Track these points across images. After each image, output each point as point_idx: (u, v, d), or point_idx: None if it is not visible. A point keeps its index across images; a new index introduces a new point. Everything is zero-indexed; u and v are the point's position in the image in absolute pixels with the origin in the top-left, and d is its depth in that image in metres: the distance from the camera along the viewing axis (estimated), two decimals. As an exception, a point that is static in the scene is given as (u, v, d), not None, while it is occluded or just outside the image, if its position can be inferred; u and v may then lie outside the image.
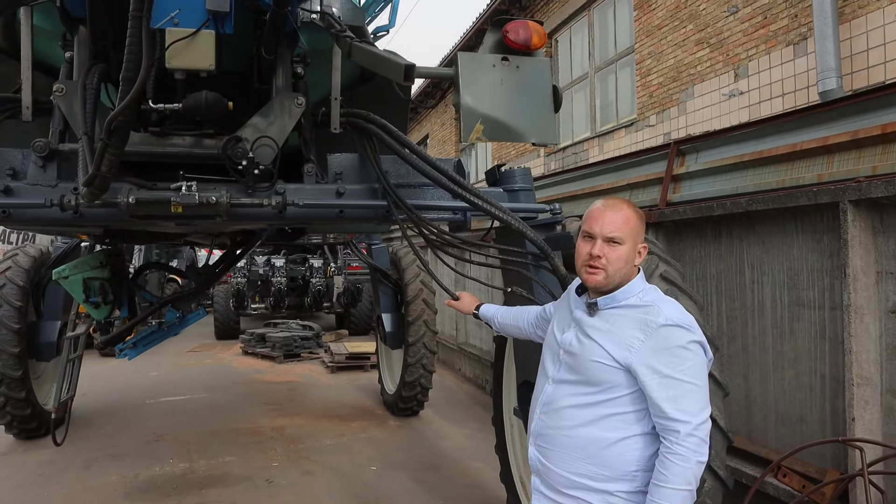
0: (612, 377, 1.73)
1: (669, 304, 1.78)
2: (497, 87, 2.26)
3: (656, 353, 1.68)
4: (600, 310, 1.81)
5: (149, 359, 9.68)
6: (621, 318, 1.77)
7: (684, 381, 1.65)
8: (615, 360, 1.72)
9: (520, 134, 2.32)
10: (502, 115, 2.25)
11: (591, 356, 1.76)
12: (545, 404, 1.88)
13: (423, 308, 6.14)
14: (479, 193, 2.58)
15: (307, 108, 2.80)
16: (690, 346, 1.69)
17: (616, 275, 1.78)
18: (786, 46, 6.46)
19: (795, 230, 3.22)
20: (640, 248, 1.82)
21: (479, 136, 2.18)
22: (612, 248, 1.77)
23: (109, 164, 2.13)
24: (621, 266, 1.77)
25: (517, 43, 2.29)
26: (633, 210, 1.82)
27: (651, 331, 1.70)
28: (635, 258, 1.81)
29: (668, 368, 1.66)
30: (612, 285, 1.80)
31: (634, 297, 1.79)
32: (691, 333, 1.70)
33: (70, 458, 5.13)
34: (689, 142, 4.37)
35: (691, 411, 1.64)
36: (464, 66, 2.24)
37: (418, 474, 4.81)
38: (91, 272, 4.01)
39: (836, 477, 2.79)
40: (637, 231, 1.80)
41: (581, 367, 1.79)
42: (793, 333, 3.25)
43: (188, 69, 2.53)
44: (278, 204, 2.60)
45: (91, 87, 2.44)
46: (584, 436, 1.77)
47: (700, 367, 1.70)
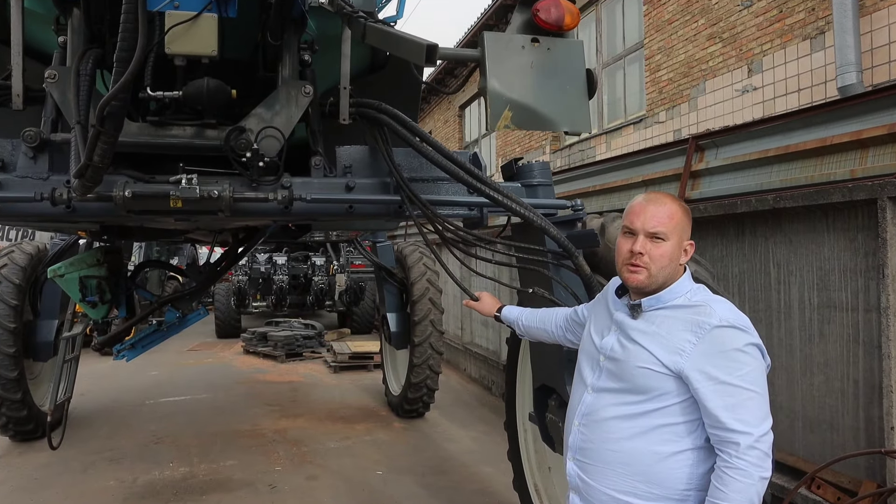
0: (662, 384, 1.59)
1: (722, 303, 1.63)
2: (526, 71, 2.10)
3: (710, 357, 1.53)
4: (644, 311, 1.67)
5: (149, 358, 9.51)
6: (669, 320, 1.63)
7: (743, 388, 1.51)
8: (664, 366, 1.58)
9: (551, 121, 2.16)
10: (532, 100, 2.09)
11: (637, 362, 1.62)
12: (585, 415, 1.72)
13: (429, 307, 5.99)
14: (499, 188, 2.42)
15: (315, 98, 2.64)
16: (748, 349, 1.54)
17: (660, 274, 1.63)
18: (802, 41, 6.29)
19: (826, 228, 3.07)
20: (687, 246, 1.69)
21: (507, 124, 2.03)
22: (656, 244, 1.63)
23: (102, 153, 1.98)
24: (665, 264, 1.63)
25: (548, 23, 2.13)
26: (678, 204, 1.69)
27: (704, 333, 1.55)
28: (681, 256, 1.67)
29: (724, 374, 1.52)
30: (656, 285, 1.65)
31: (682, 298, 1.65)
32: (748, 335, 1.56)
33: (67, 462, 4.98)
34: (707, 137, 4.22)
35: (752, 421, 1.49)
36: (490, 47, 2.08)
37: (425, 479, 4.67)
38: (88, 270, 3.86)
39: (873, 489, 2.64)
40: (683, 227, 1.67)
41: (626, 374, 1.64)
42: (823, 336, 3.10)
43: (189, 55, 2.38)
44: (284, 199, 2.44)
45: (85, 73, 2.28)
46: (631, 450, 1.61)
47: (759, 372, 1.55)
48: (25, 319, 5.20)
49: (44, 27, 2.61)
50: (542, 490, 3.49)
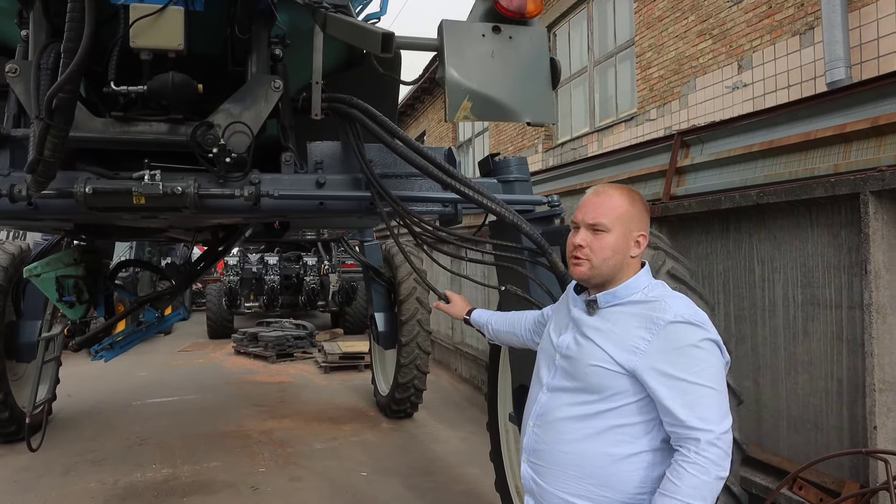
0: (615, 383, 1.53)
1: (678, 299, 1.58)
2: (487, 60, 2.04)
3: (665, 354, 1.48)
4: (601, 308, 1.62)
5: (138, 358, 9.50)
6: (623, 317, 1.57)
7: (701, 385, 1.46)
8: (618, 364, 1.52)
9: (513, 112, 2.10)
10: (493, 90, 2.04)
11: (590, 360, 1.57)
12: (539, 416, 1.67)
13: (416, 307, 5.94)
14: (471, 183, 2.36)
15: (285, 93, 2.58)
16: (704, 344, 1.49)
17: (603, 266, 1.59)
18: (791, 36, 6.25)
19: (810, 224, 3.02)
20: (638, 238, 1.62)
21: (466, 115, 1.97)
22: (597, 236, 1.59)
23: (53, 147, 1.92)
24: (608, 256, 1.59)
25: (510, 10, 2.07)
26: (625, 195, 1.63)
27: (658, 329, 1.50)
28: (629, 248, 1.61)
29: (680, 371, 1.46)
30: (601, 278, 1.61)
31: (639, 294, 1.60)
32: (704, 331, 1.51)
33: (49, 464, 4.92)
34: (693, 133, 4.17)
35: (712, 418, 1.44)
36: (449, 35, 2.02)
37: (410, 480, 4.61)
38: (64, 269, 3.79)
39: (856, 490, 2.59)
40: (629, 218, 1.61)
41: (579, 373, 1.59)
42: (807, 334, 3.05)
43: (154, 49, 2.32)
44: (251, 195, 2.38)
45: (46, 67, 2.22)
46: (584, 451, 1.55)
47: (717, 368, 1.50)
48: (8, 320, 5.15)
49: (8, 21, 2.55)
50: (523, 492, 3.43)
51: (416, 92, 17.62)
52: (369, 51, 1.89)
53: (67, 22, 1.77)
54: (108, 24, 2.31)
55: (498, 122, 6.38)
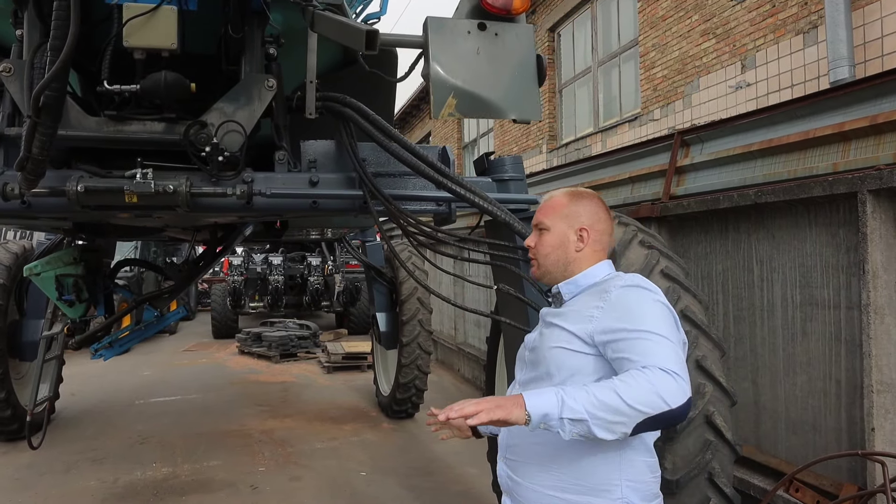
0: (576, 361, 1.51)
1: (631, 275, 1.60)
2: (472, 57, 2.03)
3: (613, 312, 1.47)
4: (566, 299, 1.64)
5: (142, 358, 9.56)
6: (583, 298, 1.60)
7: (649, 332, 1.40)
8: (578, 339, 1.51)
9: (498, 109, 2.09)
10: (478, 87, 2.03)
11: (550, 342, 1.57)
12: None
13: (417, 307, 5.94)
14: (463, 182, 2.35)
15: (279, 92, 2.58)
16: (651, 302, 1.48)
17: (546, 263, 1.65)
18: (795, 35, 6.21)
19: (808, 224, 2.99)
20: (580, 232, 1.63)
21: (451, 112, 1.96)
22: (541, 236, 1.67)
23: (41, 144, 1.92)
24: (548, 252, 1.64)
25: (496, 7, 2.06)
26: (568, 193, 1.68)
27: (609, 295, 1.51)
28: (571, 243, 1.63)
29: (629, 324, 1.43)
30: (550, 276, 1.65)
31: (599, 280, 1.62)
32: (652, 294, 1.50)
33: (50, 462, 4.95)
34: (693, 132, 4.15)
35: (664, 361, 1.35)
36: (434, 32, 2.02)
37: (409, 480, 4.60)
38: (64, 268, 3.81)
39: (853, 492, 2.56)
40: (567, 213, 1.65)
41: (541, 359, 1.59)
42: (805, 335, 3.02)
43: (148, 48, 2.33)
44: (244, 193, 2.38)
45: (40, 66, 2.22)
46: (555, 442, 1.48)
47: (667, 321, 1.46)
48: (11, 319, 5.18)
49: (3, 20, 2.56)
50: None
51: (421, 93, 17.62)
52: (354, 48, 1.88)
53: (53, 20, 1.77)
54: (101, 24, 2.31)
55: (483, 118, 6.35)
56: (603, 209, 1.69)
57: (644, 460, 1.54)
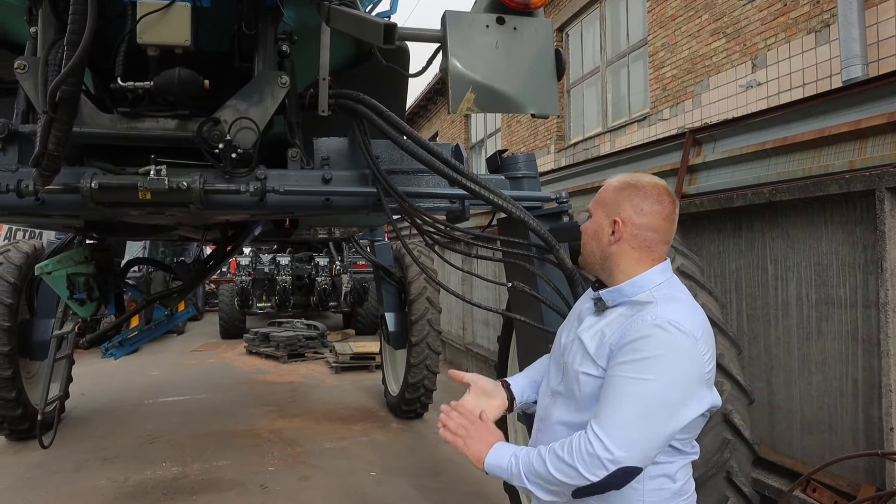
0: (596, 390, 1.41)
1: (675, 303, 1.39)
2: (491, 51, 2.01)
3: (626, 344, 1.34)
4: (608, 307, 1.48)
5: (151, 358, 9.58)
6: (618, 318, 1.43)
7: (634, 380, 1.29)
8: (599, 367, 1.40)
9: (517, 104, 2.07)
10: (497, 82, 2.01)
11: (576, 364, 1.47)
12: (541, 419, 1.62)
13: (426, 307, 5.92)
14: (478, 180, 2.33)
15: (292, 89, 2.58)
16: (672, 355, 1.30)
17: (585, 252, 1.55)
18: (807, 34, 6.17)
19: (824, 222, 2.96)
20: (613, 224, 1.46)
21: (469, 107, 1.94)
22: (586, 222, 1.57)
23: (56, 140, 1.92)
24: (586, 241, 1.54)
25: (515, 1, 2.04)
26: (618, 180, 1.52)
27: (635, 323, 1.36)
28: (605, 234, 1.48)
29: (626, 362, 1.32)
30: (590, 266, 1.56)
31: (646, 293, 1.42)
32: (681, 343, 1.31)
33: (60, 461, 4.96)
34: (705, 130, 4.12)
35: (613, 430, 1.27)
36: (452, 26, 2.00)
37: (419, 480, 4.59)
38: (75, 267, 3.82)
39: (872, 493, 2.53)
40: (609, 201, 1.49)
41: (569, 377, 1.50)
42: (821, 334, 2.99)
43: (161, 45, 2.33)
44: (257, 190, 2.38)
45: (54, 63, 2.23)
46: None
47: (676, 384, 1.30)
48: (21, 318, 5.20)
49: (17, 17, 2.57)
50: (532, 492, 3.40)
51: (428, 93, 17.63)
52: (372, 42, 1.87)
53: (70, 15, 1.77)
54: (115, 21, 2.31)
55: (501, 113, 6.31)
56: (651, 202, 1.46)
57: (669, 487, 1.44)
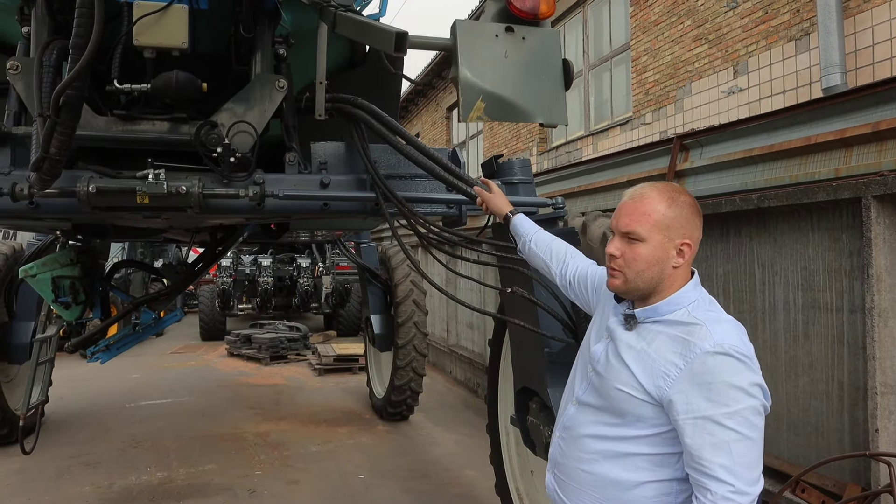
0: (640, 410, 1.42)
1: (722, 324, 1.40)
2: (500, 60, 2.03)
3: (697, 388, 1.32)
4: (640, 323, 1.48)
5: (130, 360, 9.42)
6: (660, 338, 1.43)
7: (730, 429, 1.29)
8: (645, 391, 1.40)
9: (526, 113, 2.09)
10: (506, 91, 2.02)
11: (617, 382, 1.46)
12: (565, 427, 1.61)
13: (413, 309, 5.92)
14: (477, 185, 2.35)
15: (289, 92, 2.57)
16: (742, 383, 1.31)
17: (638, 279, 1.46)
18: (787, 42, 6.30)
19: (811, 228, 3.03)
20: (681, 246, 1.45)
21: (479, 115, 1.96)
22: (631, 246, 1.45)
23: (59, 144, 1.89)
24: (642, 268, 1.44)
25: (523, 11, 2.06)
26: (665, 195, 1.46)
27: (693, 357, 1.34)
28: (669, 259, 1.44)
29: (709, 408, 1.31)
30: (638, 292, 1.49)
31: (682, 311, 1.43)
32: (746, 367, 1.33)
33: (42, 467, 4.86)
34: (692, 136, 4.19)
35: (735, 468, 1.28)
36: (463, 35, 2.02)
37: (408, 483, 4.59)
38: (60, 270, 3.75)
39: (858, 493, 2.60)
40: (668, 223, 1.44)
41: (605, 392, 1.49)
42: (807, 337, 3.06)
43: (158, 47, 2.31)
44: (256, 195, 2.36)
45: (49, 64, 2.19)
46: (602, 473, 1.48)
47: (753, 413, 1.31)
48: (0, 321, 5.09)
49: (8, 18, 2.52)
50: (524, 494, 3.43)
51: (409, 94, 17.61)
52: (382, 50, 1.87)
53: (76, 18, 1.75)
54: (111, 22, 2.29)
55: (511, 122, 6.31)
56: (698, 213, 1.50)
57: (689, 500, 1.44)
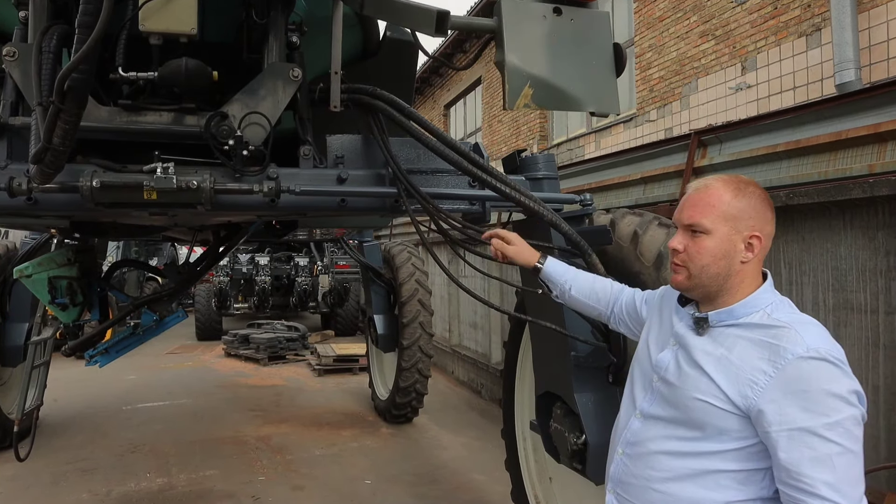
0: (723, 422, 1.31)
1: (810, 326, 1.31)
2: (548, 44, 1.88)
3: (790, 397, 1.22)
4: (712, 327, 1.38)
5: (126, 361, 9.18)
6: (741, 342, 1.32)
7: (831, 441, 1.19)
8: (729, 401, 1.29)
9: (575, 100, 1.96)
10: (554, 77, 1.88)
11: (695, 391, 1.34)
12: (630, 444, 1.48)
13: (418, 309, 5.79)
14: (508, 181, 2.21)
15: (304, 82, 2.43)
16: (841, 390, 1.21)
17: (703, 274, 1.37)
18: (798, 38, 6.20)
19: (843, 226, 2.92)
20: (750, 239, 1.35)
21: (526, 102, 1.82)
22: (695, 239, 1.37)
23: (63, 134, 1.75)
24: (707, 263, 1.35)
25: (570, -12, 1.94)
26: (731, 186, 1.36)
27: (784, 364, 1.24)
28: (737, 252, 1.35)
29: (807, 419, 1.21)
30: (702, 289, 1.39)
31: (760, 314, 1.34)
32: (844, 374, 1.24)
33: (37, 473, 4.70)
34: (710, 132, 4.08)
35: (840, 486, 1.18)
36: (508, 16, 1.88)
37: (416, 488, 4.46)
38: (57, 270, 3.59)
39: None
40: (734, 215, 1.35)
41: (680, 403, 1.38)
42: (839, 340, 2.91)
43: (165, 33, 2.16)
44: (271, 190, 2.22)
45: (49, 50, 2.05)
46: (679, 493, 1.36)
47: (854, 423, 1.22)
48: (-8, 322, 4.93)
49: (4, 2, 2.37)
50: (543, 501, 3.30)
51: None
52: (422, 32, 1.74)
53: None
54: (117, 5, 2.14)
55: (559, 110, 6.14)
56: (769, 206, 1.39)
57: None
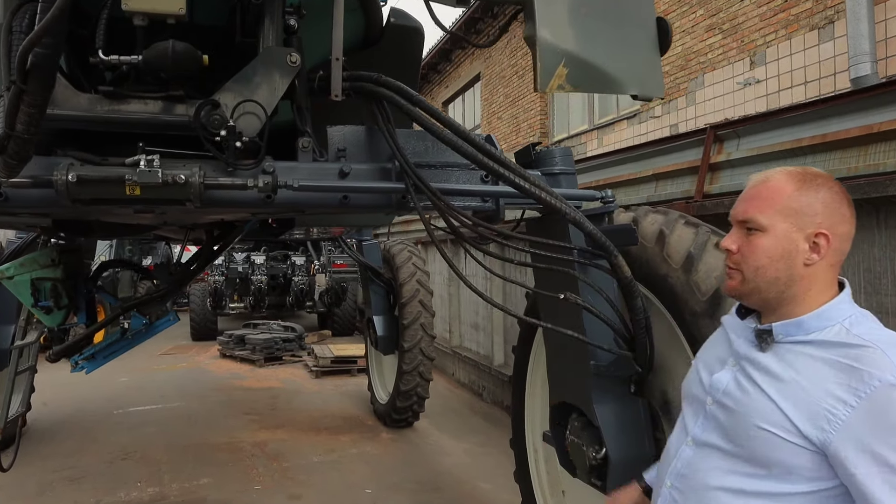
0: (793, 459, 1.11)
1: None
2: (583, 18, 1.69)
3: (881, 433, 1.03)
4: (777, 343, 1.18)
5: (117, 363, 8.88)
6: (813, 363, 1.12)
7: None
8: (800, 434, 1.10)
9: (616, 82, 1.76)
10: (592, 55, 1.68)
11: (757, 419, 1.15)
12: (680, 475, 1.30)
13: (419, 310, 5.61)
14: (528, 176, 2.03)
15: (302, 69, 2.24)
16: None
17: (758, 278, 1.19)
18: (809, 31, 6.03)
19: (877, 225, 2.75)
20: (816, 238, 1.15)
21: (560, 84, 1.63)
22: (749, 238, 1.20)
23: (28, 119, 1.55)
24: (762, 264, 1.17)
25: (609, -44, 1.74)
26: (794, 178, 1.19)
27: (870, 392, 1.04)
28: (799, 253, 1.16)
29: None
30: (758, 295, 1.20)
31: (836, 328, 1.14)
32: None
33: (22, 483, 4.50)
34: (727, 126, 3.90)
35: None
36: None
37: (419, 496, 4.28)
38: (41, 271, 3.39)
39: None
40: (795, 209, 1.16)
41: (740, 432, 1.18)
42: (872, 345, 2.78)
43: (150, 13, 1.97)
44: (267, 185, 2.03)
45: (20, 30, 1.85)
46: None
47: None
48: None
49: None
50: (555, 516, 3.13)
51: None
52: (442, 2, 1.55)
53: None
54: None
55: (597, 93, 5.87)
56: (846, 202, 1.19)
57: None
